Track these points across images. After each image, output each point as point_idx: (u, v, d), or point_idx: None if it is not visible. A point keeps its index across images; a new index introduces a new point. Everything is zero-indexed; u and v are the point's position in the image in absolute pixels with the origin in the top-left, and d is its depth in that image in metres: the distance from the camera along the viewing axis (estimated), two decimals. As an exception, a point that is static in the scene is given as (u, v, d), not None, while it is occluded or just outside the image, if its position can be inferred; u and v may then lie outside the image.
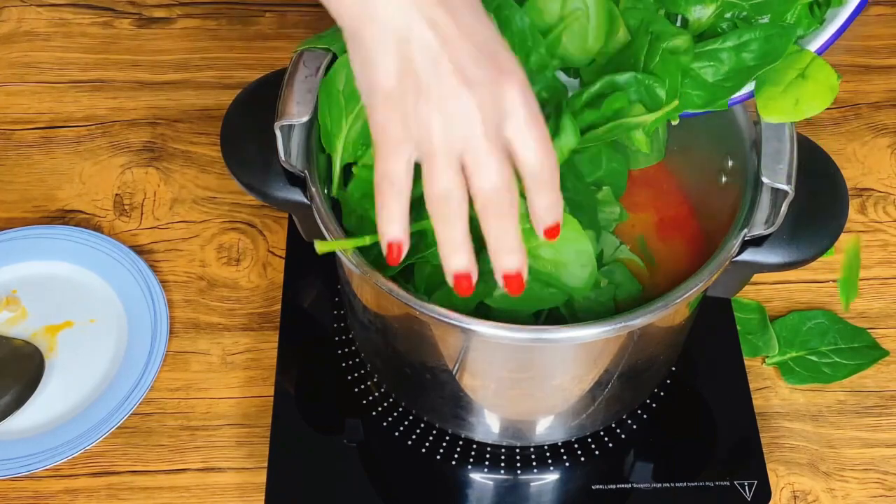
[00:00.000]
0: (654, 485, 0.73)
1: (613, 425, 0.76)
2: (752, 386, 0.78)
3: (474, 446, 0.74)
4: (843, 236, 0.84)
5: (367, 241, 0.61)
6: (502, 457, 0.74)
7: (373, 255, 0.61)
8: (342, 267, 0.68)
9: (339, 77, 0.65)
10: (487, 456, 0.74)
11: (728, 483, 0.72)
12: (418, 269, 0.65)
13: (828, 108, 0.95)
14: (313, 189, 0.63)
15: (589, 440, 0.75)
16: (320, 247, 0.60)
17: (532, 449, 0.74)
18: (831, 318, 0.82)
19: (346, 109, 0.65)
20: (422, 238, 0.62)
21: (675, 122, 0.64)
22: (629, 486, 0.73)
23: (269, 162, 0.64)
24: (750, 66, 0.61)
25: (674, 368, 0.78)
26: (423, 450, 0.74)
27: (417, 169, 0.54)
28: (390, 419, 0.76)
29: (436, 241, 0.55)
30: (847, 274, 0.83)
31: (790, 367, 0.80)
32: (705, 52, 0.62)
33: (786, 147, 0.61)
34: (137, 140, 0.93)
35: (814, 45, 0.61)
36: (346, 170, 0.66)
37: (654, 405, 0.77)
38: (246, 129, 0.66)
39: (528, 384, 0.67)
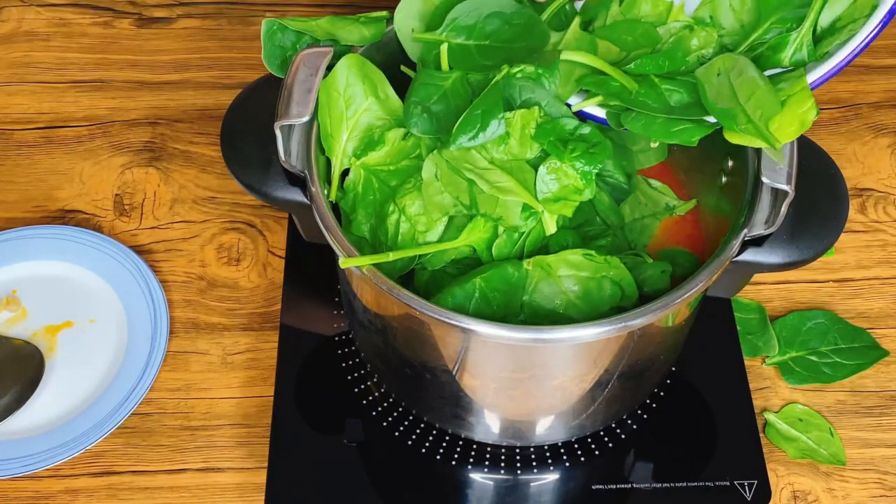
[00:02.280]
0: (654, 485, 0.73)
1: (613, 425, 0.76)
2: (752, 386, 0.78)
3: (474, 446, 0.74)
4: (843, 236, 0.85)
5: (390, 257, 0.61)
6: (502, 457, 0.74)
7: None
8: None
9: (339, 78, 0.64)
10: (487, 456, 0.74)
11: (728, 483, 0.72)
12: (418, 275, 0.65)
13: (828, 109, 0.96)
14: (313, 189, 0.63)
15: (589, 440, 0.75)
16: (344, 262, 0.60)
17: (532, 449, 0.74)
18: (831, 318, 0.82)
19: (346, 113, 0.65)
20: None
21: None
22: (629, 486, 0.73)
23: (269, 162, 0.64)
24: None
25: (674, 368, 0.78)
26: (423, 450, 0.74)
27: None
28: (390, 419, 0.76)
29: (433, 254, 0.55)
30: None
31: (790, 367, 0.80)
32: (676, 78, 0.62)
33: (786, 147, 0.61)
34: (137, 140, 0.93)
35: (812, 76, 0.59)
36: (346, 175, 0.66)
37: (654, 405, 0.77)
38: (246, 130, 0.66)
39: (528, 384, 0.66)
